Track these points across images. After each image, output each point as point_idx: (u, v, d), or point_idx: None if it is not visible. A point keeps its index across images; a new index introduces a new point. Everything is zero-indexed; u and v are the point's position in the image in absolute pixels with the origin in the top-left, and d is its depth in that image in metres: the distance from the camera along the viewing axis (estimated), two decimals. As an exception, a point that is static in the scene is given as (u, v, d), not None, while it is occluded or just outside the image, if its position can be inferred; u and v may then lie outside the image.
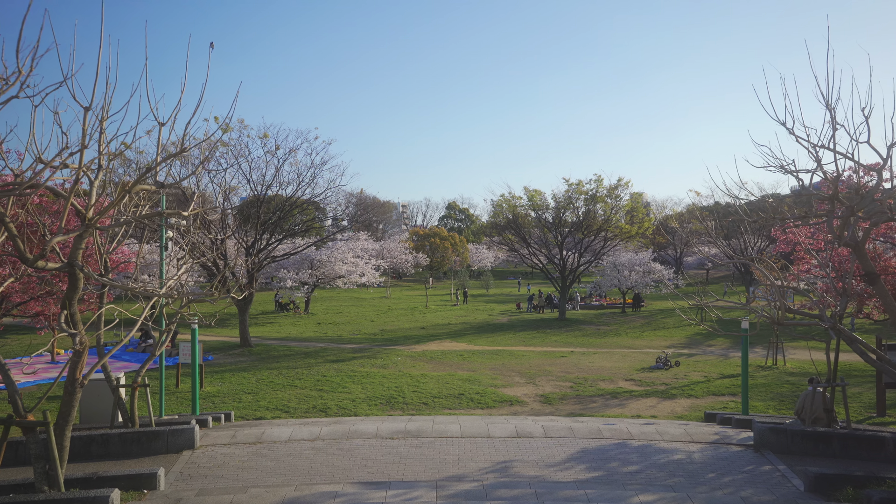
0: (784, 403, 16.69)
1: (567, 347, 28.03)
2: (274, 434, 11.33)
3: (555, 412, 15.82)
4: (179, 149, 6.35)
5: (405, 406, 16.24)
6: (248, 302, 26.38)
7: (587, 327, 35.15)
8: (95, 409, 12.45)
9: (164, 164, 22.65)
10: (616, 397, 17.63)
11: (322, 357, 24.31)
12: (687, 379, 20.19)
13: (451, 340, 30.26)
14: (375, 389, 18.04)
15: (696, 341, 30.48)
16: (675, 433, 11.57)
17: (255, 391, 17.88)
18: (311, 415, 15.39)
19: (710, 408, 16.34)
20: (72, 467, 8.77)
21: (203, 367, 18.52)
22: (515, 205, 36.81)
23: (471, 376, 20.36)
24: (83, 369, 6.98)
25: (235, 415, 15.20)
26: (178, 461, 9.79)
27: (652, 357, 24.65)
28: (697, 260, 73.62)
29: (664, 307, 44.40)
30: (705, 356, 25.51)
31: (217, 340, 29.77)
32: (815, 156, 7.82)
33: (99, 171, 6.83)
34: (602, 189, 34.97)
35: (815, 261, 12.80)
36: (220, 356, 24.78)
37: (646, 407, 16.52)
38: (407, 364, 22.72)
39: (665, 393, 18.07)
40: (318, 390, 17.96)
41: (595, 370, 21.84)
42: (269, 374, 20.40)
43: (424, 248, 73.42)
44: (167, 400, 16.92)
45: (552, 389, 18.49)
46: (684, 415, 15.65)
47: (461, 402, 16.76)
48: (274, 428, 11.98)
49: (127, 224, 7.33)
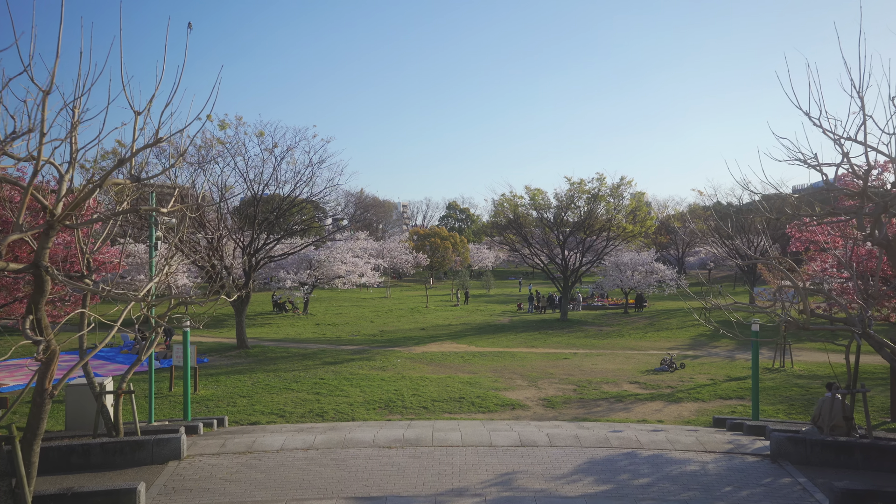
0: (794, 407, 16.16)
1: (569, 349, 27.49)
2: (266, 443, 10.79)
3: (558, 417, 15.30)
4: (154, 139, 5.81)
5: (404, 410, 15.72)
6: (244, 303, 25.86)
7: (590, 328, 34.60)
8: (81, 415, 11.93)
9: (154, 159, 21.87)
10: (621, 401, 17.10)
11: (320, 359, 23.78)
12: (693, 382, 19.65)
13: (452, 342, 29.72)
14: (374, 393, 17.52)
15: (701, 342, 29.95)
16: (687, 442, 11.02)
17: (251, 394, 17.35)
18: (307, 419, 14.88)
19: (718, 412, 15.80)
20: (47, 481, 8.26)
21: (197, 370, 18.02)
22: (517, 204, 36.26)
23: (471, 379, 19.83)
24: (52, 379, 6.46)
25: (229, 419, 14.70)
26: (162, 473, 9.25)
27: (656, 359, 24.11)
28: (699, 260, 73.13)
29: (667, 307, 43.89)
30: (710, 358, 24.98)
31: (214, 342, 29.25)
32: (841, 148, 7.29)
33: (72, 164, 6.31)
34: (604, 188, 34.42)
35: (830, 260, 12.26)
36: (216, 358, 24.26)
37: (651, 411, 15.99)
38: (406, 366, 22.19)
39: (671, 396, 17.54)
40: (315, 394, 17.44)
41: (598, 372, 21.31)
42: (265, 377, 19.88)
43: (425, 248, 72.89)
44: (160, 404, 16.42)
45: (555, 392, 17.96)
46: (691, 419, 15.12)
47: (462, 405, 16.23)
48: (266, 436, 11.45)
49: (102, 220, 6.81)
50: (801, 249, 14.34)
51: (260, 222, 25.72)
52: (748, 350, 27.28)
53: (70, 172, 6.03)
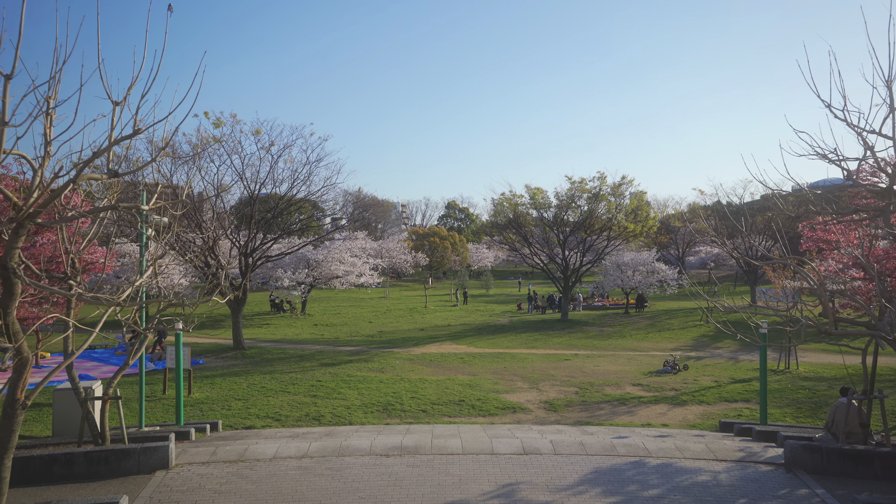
0: (801, 411, 15.76)
1: (570, 350, 27.09)
2: (258, 451, 10.36)
3: (560, 420, 14.89)
4: (133, 130, 5.41)
5: (403, 414, 15.30)
6: (241, 303, 25.42)
7: (590, 329, 34.20)
8: (69, 421, 11.48)
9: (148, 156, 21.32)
10: (624, 403, 16.70)
11: (317, 360, 23.36)
12: (697, 384, 19.25)
13: (451, 342, 29.31)
14: (372, 395, 17.11)
15: (703, 343, 29.56)
16: (696, 449, 10.60)
17: (246, 397, 16.94)
18: (303, 423, 14.47)
19: (724, 416, 15.41)
20: (27, 493, 7.84)
21: (191, 372, 17.59)
22: (517, 203, 35.82)
23: (471, 381, 19.42)
24: (25, 387, 6.04)
25: (224, 424, 14.28)
26: (148, 484, 8.81)
27: (658, 360, 23.72)
28: (699, 260, 72.72)
29: (668, 308, 43.49)
30: (713, 359, 24.60)
31: (210, 343, 28.81)
32: (865, 142, 6.88)
33: (45, 157, 5.88)
34: (605, 187, 33.97)
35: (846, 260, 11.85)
36: (211, 360, 23.83)
37: (656, 414, 15.59)
38: (405, 368, 21.78)
39: (675, 399, 17.13)
40: (311, 396, 17.03)
41: (601, 374, 20.91)
42: (261, 379, 19.46)
43: (423, 248, 72.43)
44: (154, 408, 15.99)
45: (557, 395, 17.56)
46: (697, 423, 14.72)
47: (462, 409, 15.82)
48: (259, 443, 11.01)
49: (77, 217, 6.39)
50: (813, 248, 13.93)
51: (257, 221, 25.29)
52: (751, 351, 26.88)
53: (44, 166, 5.62)
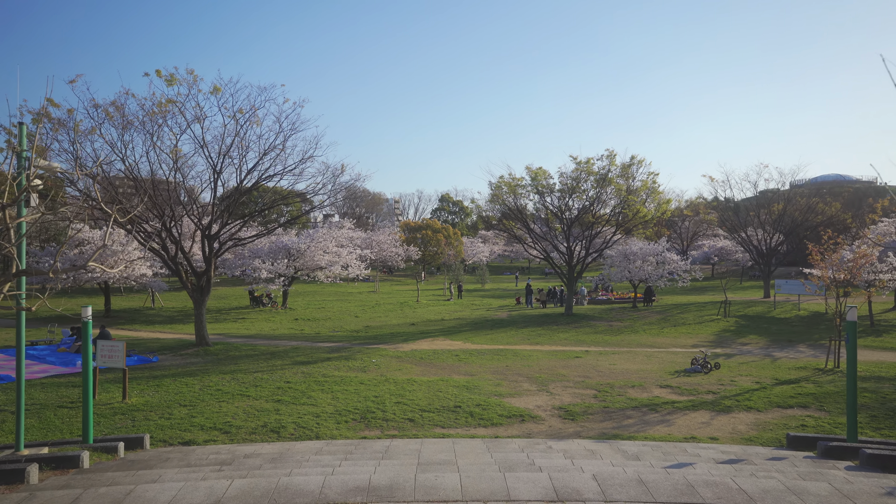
0: (877, 419, 12.79)
1: (580, 346, 24.08)
2: (146, 496, 6.53)
3: (581, 432, 11.85)
4: None
5: (384, 423, 12.24)
6: (204, 293, 22.25)
7: (598, 323, 31.19)
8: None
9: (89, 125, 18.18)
10: (655, 410, 13.68)
11: (290, 358, 20.25)
12: (736, 385, 16.27)
13: (445, 338, 26.23)
14: (349, 400, 14.05)
15: (726, 339, 26.63)
16: (821, 493, 6.57)
17: (195, 403, 13.84)
18: (257, 436, 11.40)
19: (782, 425, 12.43)
20: None
21: (126, 373, 14.44)
22: (516, 185, 32.67)
23: (469, 382, 16.37)
24: None
25: (155, 438, 11.17)
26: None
27: (682, 357, 20.77)
28: (702, 254, 70.02)
29: (678, 301, 40.50)
30: (744, 356, 21.64)
31: (172, 338, 25.65)
32: None
33: None
34: (615, 167, 30.88)
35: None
36: (168, 357, 20.68)
37: (697, 424, 12.58)
38: (391, 367, 18.69)
39: (716, 404, 14.13)
40: (275, 401, 13.95)
41: (619, 374, 17.89)
42: (219, 380, 16.36)
43: (416, 241, 69.15)
44: (98, 417, 12.83)
45: (572, 399, 14.53)
46: (754, 436, 11.71)
47: (458, 416, 12.78)
48: (152, 486, 6.96)
49: None
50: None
51: (221, 199, 22.10)
52: (785, 348, 23.95)
53: None
